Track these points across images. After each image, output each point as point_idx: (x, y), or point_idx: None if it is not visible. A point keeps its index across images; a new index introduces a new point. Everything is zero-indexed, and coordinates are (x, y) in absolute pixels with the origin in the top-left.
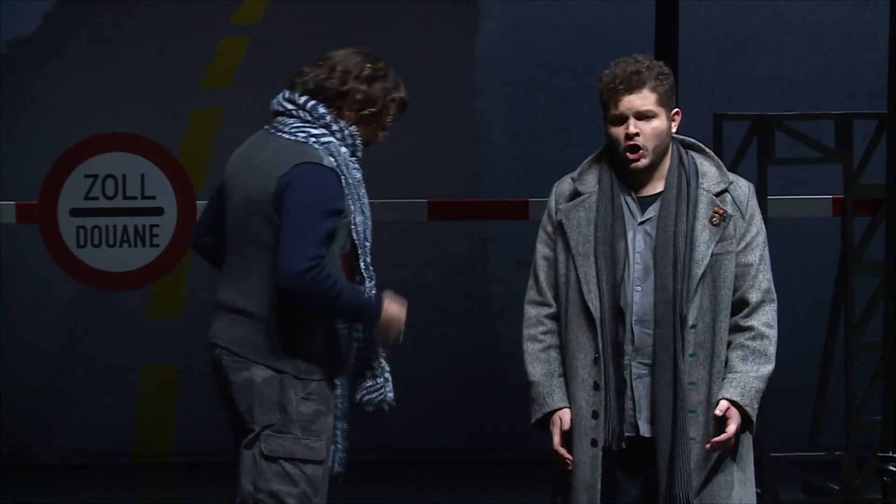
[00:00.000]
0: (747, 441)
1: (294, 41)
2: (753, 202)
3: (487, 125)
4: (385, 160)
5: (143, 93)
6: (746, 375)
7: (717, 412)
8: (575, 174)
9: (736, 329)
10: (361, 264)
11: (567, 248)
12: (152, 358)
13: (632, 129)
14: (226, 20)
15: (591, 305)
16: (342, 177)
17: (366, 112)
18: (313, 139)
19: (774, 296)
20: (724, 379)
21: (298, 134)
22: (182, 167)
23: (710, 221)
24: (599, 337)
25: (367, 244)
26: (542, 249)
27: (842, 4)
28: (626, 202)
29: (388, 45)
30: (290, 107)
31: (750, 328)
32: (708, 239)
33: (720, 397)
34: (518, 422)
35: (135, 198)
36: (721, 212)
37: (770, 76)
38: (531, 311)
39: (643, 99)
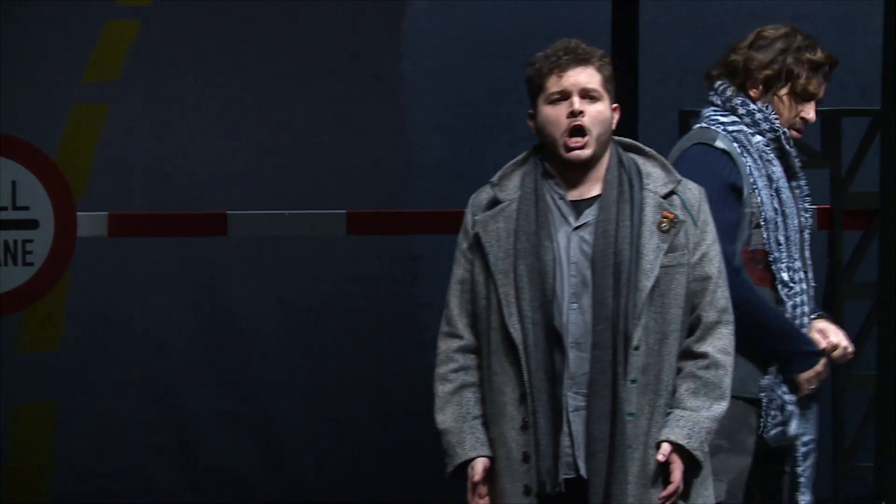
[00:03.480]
0: (702, 484)
1: (192, 24)
2: (706, 207)
3: (417, 124)
4: (296, 164)
5: (13, 86)
6: (696, 414)
7: (660, 457)
8: (495, 179)
9: (687, 355)
10: (776, 270)
11: (486, 266)
12: (23, 396)
13: (577, 107)
14: (111, 1)
15: (512, 330)
16: (740, 161)
17: (763, 78)
18: (720, 126)
19: (732, 317)
20: (669, 414)
21: (708, 120)
22: (60, 172)
23: (659, 227)
24: (525, 367)
25: (782, 249)
26: (456, 271)
27: None
28: (557, 205)
29: (300, 29)
30: (710, 92)
31: (703, 355)
32: (656, 247)
33: (664, 438)
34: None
35: (5, 208)
36: (671, 216)
37: None
38: (441, 346)
39: (589, 76)
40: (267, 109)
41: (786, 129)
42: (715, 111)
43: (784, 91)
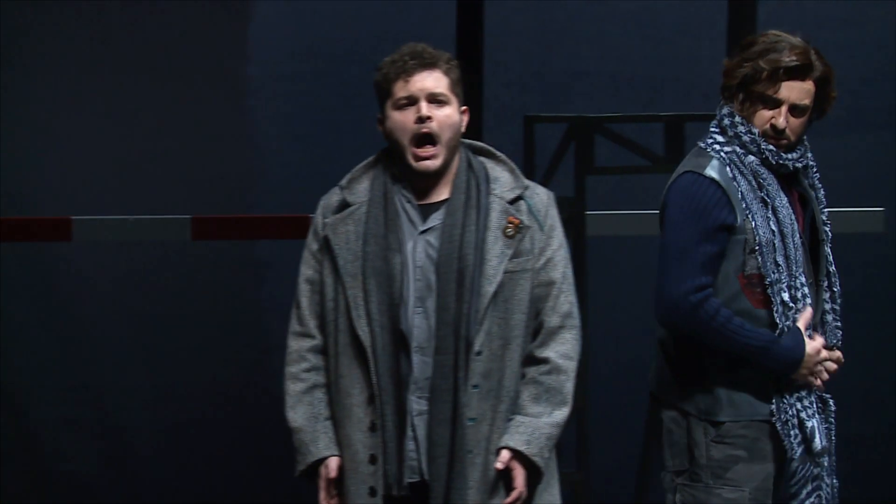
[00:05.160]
0: (546, 490)
1: (39, 27)
2: (553, 212)
3: (262, 128)
4: (141, 169)
5: None
6: (537, 420)
7: (499, 465)
8: (344, 182)
9: (530, 360)
10: (772, 294)
11: (335, 268)
12: None
13: (424, 112)
14: None
15: (360, 332)
16: (731, 188)
17: (728, 87)
18: (717, 146)
19: (577, 322)
20: (511, 420)
21: (707, 139)
22: None
23: (504, 233)
24: (373, 369)
25: (781, 270)
26: (305, 272)
27: None
28: (405, 210)
29: (144, 32)
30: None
31: (545, 360)
32: (500, 253)
33: (503, 445)
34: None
35: None
36: (516, 222)
37: (591, 72)
38: (292, 345)
39: (436, 80)
40: (112, 114)
41: (772, 147)
42: (714, 129)
43: (750, 99)
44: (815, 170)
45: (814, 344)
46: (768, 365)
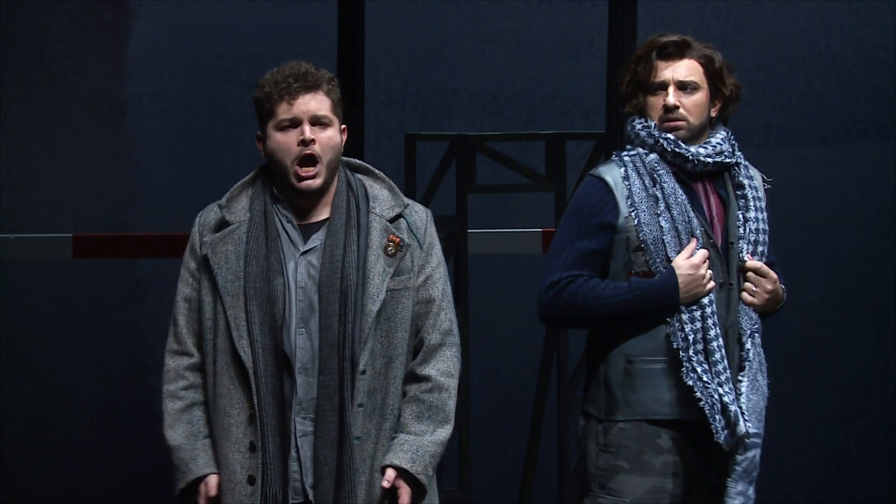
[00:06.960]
0: None
1: None
2: (432, 230)
3: (141, 147)
4: (21, 188)
5: None
6: (420, 438)
7: (385, 483)
8: (223, 201)
9: (412, 378)
10: None
11: (214, 287)
12: None
13: (308, 135)
14: None
15: (242, 353)
16: (620, 187)
17: (623, 98)
18: (624, 152)
19: (457, 339)
20: (394, 438)
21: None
22: None
23: (385, 251)
24: (255, 390)
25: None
26: (182, 290)
27: (552, 5)
28: (286, 230)
29: (23, 48)
30: None
31: (427, 378)
32: (382, 271)
33: (388, 463)
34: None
35: None
36: (397, 240)
37: (471, 90)
38: (169, 363)
39: (319, 102)
40: None
41: (669, 136)
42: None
43: (640, 92)
44: (744, 166)
45: (682, 257)
46: (651, 306)
